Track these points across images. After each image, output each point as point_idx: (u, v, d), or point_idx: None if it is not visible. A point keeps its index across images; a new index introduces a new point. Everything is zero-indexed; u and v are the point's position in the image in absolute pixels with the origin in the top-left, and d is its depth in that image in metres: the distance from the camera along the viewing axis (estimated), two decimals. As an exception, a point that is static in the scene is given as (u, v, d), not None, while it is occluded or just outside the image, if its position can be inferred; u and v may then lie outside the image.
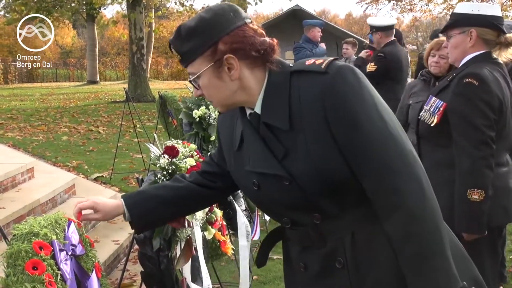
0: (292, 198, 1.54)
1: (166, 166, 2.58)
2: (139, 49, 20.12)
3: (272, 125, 1.53)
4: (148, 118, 13.81)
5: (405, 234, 1.45)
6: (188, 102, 3.75)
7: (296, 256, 1.68)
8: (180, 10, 25.94)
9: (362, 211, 1.53)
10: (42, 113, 15.72)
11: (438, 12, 28.11)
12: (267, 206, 1.67)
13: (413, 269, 1.46)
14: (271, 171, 1.53)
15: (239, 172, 1.66)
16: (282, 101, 1.52)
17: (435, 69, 3.88)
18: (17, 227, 1.88)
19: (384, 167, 1.45)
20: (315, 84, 1.48)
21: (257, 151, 1.57)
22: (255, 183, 1.59)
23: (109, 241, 4.75)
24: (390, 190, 1.45)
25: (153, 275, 2.66)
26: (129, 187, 7.11)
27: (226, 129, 1.74)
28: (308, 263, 1.64)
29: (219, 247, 3.15)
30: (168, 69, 43.67)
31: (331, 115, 1.45)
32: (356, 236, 1.54)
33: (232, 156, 1.69)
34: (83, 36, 45.58)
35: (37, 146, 9.95)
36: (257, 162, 1.57)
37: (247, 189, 1.66)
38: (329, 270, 1.59)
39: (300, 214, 1.58)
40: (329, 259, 1.58)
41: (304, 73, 1.52)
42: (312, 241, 1.60)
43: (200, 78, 1.55)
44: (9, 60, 34.03)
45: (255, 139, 1.57)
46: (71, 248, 2.01)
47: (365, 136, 1.44)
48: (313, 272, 1.63)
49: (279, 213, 1.64)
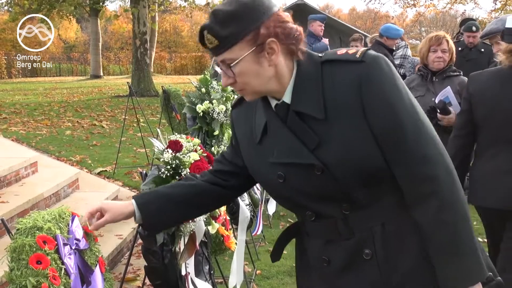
0: (323, 188, 1.52)
1: (170, 160, 2.58)
2: (143, 43, 20.11)
3: (305, 114, 1.51)
4: (152, 113, 13.81)
5: (438, 221, 1.47)
6: (191, 97, 3.74)
7: (318, 251, 1.64)
8: (184, 5, 25.92)
9: (392, 200, 1.54)
10: (45, 107, 15.73)
11: (442, 6, 28.03)
12: (291, 199, 1.62)
13: (445, 256, 1.48)
14: (303, 160, 1.51)
15: (261, 166, 1.63)
16: (315, 90, 1.51)
17: (439, 64, 3.92)
18: (21, 221, 1.87)
19: (418, 154, 1.47)
20: (351, 72, 1.49)
21: (285, 142, 1.54)
22: (280, 175, 1.56)
23: (112, 235, 4.76)
24: (424, 177, 1.47)
25: (157, 269, 2.65)
26: (132, 181, 7.12)
27: (243, 123, 1.71)
28: (332, 256, 1.61)
29: (222, 241, 3.15)
30: (171, 63, 43.61)
31: (368, 103, 1.46)
32: (386, 226, 1.54)
33: (252, 150, 1.65)
34: (87, 30, 45.56)
35: (41, 141, 9.97)
36: (285, 153, 1.54)
37: (269, 182, 1.62)
38: (356, 262, 1.57)
39: (328, 205, 1.56)
40: (356, 251, 1.56)
41: (337, 62, 1.52)
42: (338, 233, 1.58)
43: (238, 64, 1.49)
44: (12, 54, 34.03)
45: (283, 130, 1.55)
46: (75, 242, 2.01)
47: (400, 123, 1.47)
48: (337, 265, 1.60)
49: (303, 206, 1.60)
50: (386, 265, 1.54)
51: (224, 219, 3.04)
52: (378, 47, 6.65)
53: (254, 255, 4.53)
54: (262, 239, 5.04)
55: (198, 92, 3.70)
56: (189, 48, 49.05)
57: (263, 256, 4.68)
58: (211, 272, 2.95)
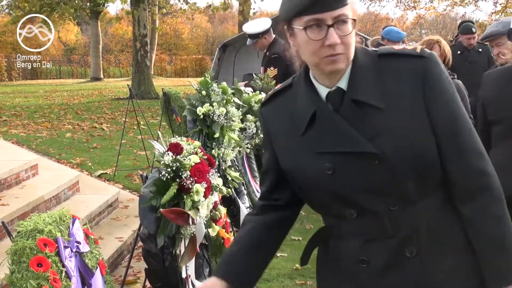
0: (376, 180, 1.50)
1: (170, 163, 2.58)
2: (143, 46, 20.11)
3: (363, 103, 1.51)
4: (152, 115, 13.81)
5: (490, 216, 1.51)
6: (192, 99, 3.74)
7: (354, 252, 1.59)
8: (184, 8, 25.94)
9: (437, 197, 1.55)
10: (45, 110, 15.73)
11: (442, 9, 28.02)
12: (335, 194, 1.56)
13: (495, 251, 1.50)
14: (359, 149, 1.49)
15: (305, 158, 1.57)
16: (373, 80, 1.52)
17: None
18: (22, 224, 1.88)
19: (474, 148, 1.52)
20: (413, 66, 1.52)
21: (338, 131, 1.52)
22: (329, 167, 1.52)
23: (113, 238, 4.76)
24: (478, 171, 1.51)
25: (157, 272, 2.66)
26: (132, 184, 7.11)
27: (278, 118, 1.65)
28: (372, 256, 1.57)
29: (223, 244, 3.14)
30: (171, 66, 43.61)
31: (429, 94, 1.50)
32: (431, 223, 1.54)
33: (294, 143, 1.60)
34: (87, 33, 45.58)
35: (41, 143, 9.97)
36: (339, 142, 1.51)
37: (313, 176, 1.56)
38: (399, 260, 1.55)
39: (376, 200, 1.53)
40: (399, 248, 1.54)
41: (396, 56, 1.56)
42: (382, 230, 1.54)
43: (351, 24, 1.48)
44: (12, 57, 34.06)
45: (336, 118, 1.52)
46: (76, 245, 2.01)
47: (458, 116, 1.52)
48: (378, 265, 1.56)
49: (349, 201, 1.56)
50: (430, 263, 1.53)
51: (224, 221, 3.04)
52: None
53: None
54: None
55: (199, 94, 3.70)
56: (190, 51, 49.09)
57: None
58: (211, 275, 2.95)
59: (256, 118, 4.85)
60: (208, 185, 2.66)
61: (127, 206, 5.89)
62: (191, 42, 52.10)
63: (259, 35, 6.20)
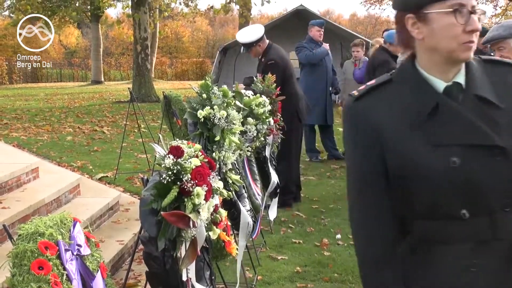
0: (499, 176, 1.47)
1: (171, 166, 2.58)
2: (144, 49, 20.15)
3: (486, 100, 1.51)
4: (153, 118, 13.83)
5: None
6: (192, 102, 3.74)
7: (465, 255, 1.52)
8: (185, 11, 26.00)
9: None
10: (46, 113, 15.76)
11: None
12: (455, 189, 1.49)
13: None
14: (489, 142, 1.47)
15: (422, 151, 1.50)
16: (487, 80, 1.54)
17: None
18: (23, 227, 1.88)
19: None
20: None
21: (465, 123, 1.49)
22: (453, 160, 1.47)
23: (113, 241, 4.76)
24: None
25: (158, 275, 2.65)
26: (133, 187, 7.12)
27: (383, 111, 1.57)
28: (483, 261, 1.51)
29: (223, 247, 3.14)
30: (172, 69, 43.68)
31: None
32: None
33: (405, 137, 1.53)
34: (88, 36, 45.63)
35: (42, 146, 9.98)
36: (466, 134, 1.48)
37: (432, 169, 1.49)
38: (508, 264, 1.52)
39: (493, 199, 1.49)
40: (507, 252, 1.51)
41: (499, 63, 1.61)
42: (492, 233, 1.50)
43: (477, 15, 1.50)
44: (13, 60, 34.11)
45: (461, 112, 1.50)
46: (77, 248, 2.01)
47: None
48: (489, 270, 1.52)
49: (466, 198, 1.49)
50: None
51: (225, 224, 3.04)
52: (382, 53, 6.69)
53: (255, 261, 4.52)
54: (263, 245, 5.04)
55: (199, 97, 3.70)
56: (190, 54, 49.17)
57: (264, 261, 4.67)
58: (212, 278, 2.96)
59: (256, 121, 4.81)
60: (209, 188, 2.66)
61: (128, 209, 5.89)
62: (192, 45, 52.18)
63: (253, 43, 6.22)
